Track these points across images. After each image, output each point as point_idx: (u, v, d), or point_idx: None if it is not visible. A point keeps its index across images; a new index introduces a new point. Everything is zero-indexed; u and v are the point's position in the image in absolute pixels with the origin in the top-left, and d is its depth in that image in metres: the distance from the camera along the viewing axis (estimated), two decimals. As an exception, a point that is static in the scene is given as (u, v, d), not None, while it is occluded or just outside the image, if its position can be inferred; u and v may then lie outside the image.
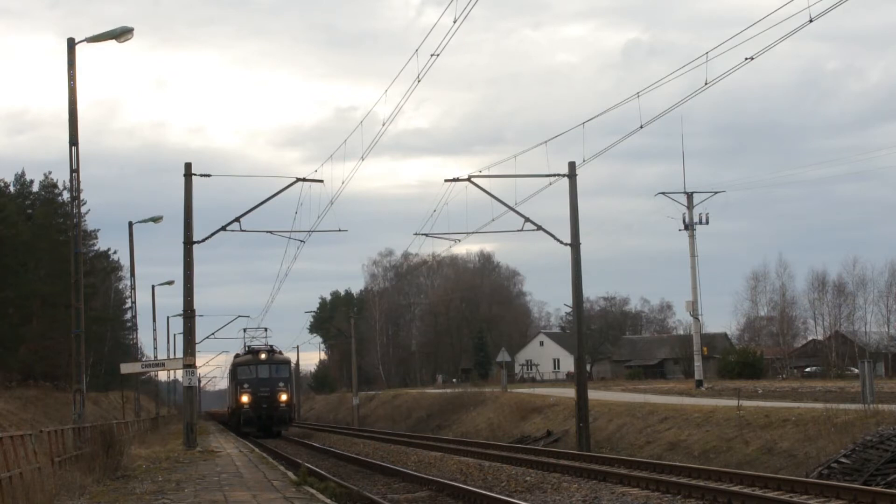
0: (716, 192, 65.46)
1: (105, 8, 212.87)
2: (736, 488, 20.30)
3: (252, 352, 64.86)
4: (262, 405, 60.46)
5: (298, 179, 35.71)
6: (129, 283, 71.75)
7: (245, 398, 60.78)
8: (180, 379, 43.65)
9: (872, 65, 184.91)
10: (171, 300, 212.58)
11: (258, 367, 61.60)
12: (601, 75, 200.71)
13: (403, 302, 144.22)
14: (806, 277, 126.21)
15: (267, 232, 37.59)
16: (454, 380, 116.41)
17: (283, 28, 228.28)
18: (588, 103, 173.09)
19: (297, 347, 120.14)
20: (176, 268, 38.87)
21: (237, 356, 68.40)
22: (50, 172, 72.42)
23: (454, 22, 19.92)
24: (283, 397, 60.94)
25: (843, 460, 22.51)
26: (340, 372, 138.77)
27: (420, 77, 23.62)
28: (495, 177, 35.53)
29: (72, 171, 29.53)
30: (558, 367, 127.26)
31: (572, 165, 35.06)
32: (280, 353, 65.54)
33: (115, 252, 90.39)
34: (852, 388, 43.05)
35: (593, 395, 41.28)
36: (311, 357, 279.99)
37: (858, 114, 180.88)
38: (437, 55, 22.08)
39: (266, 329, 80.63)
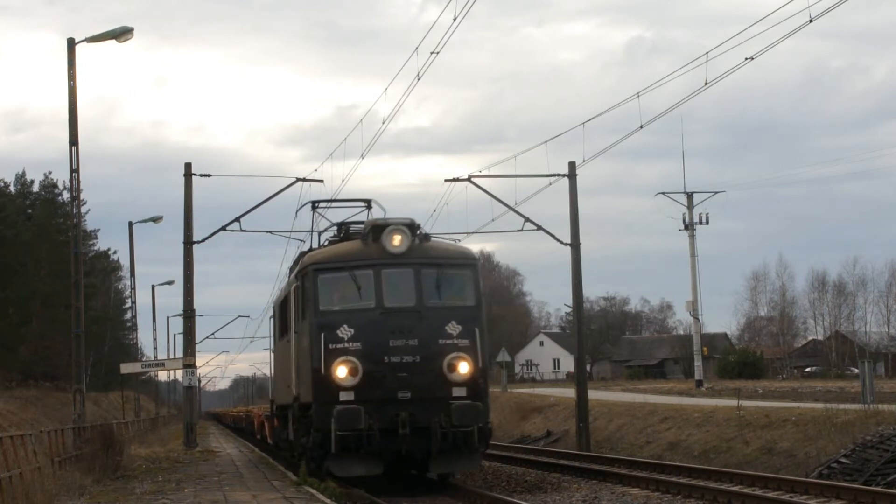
0: (716, 192, 65.55)
1: (105, 5, 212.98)
2: (736, 488, 20.29)
3: (355, 234, 22.55)
4: (398, 394, 19.85)
5: (298, 179, 35.64)
6: (129, 283, 71.84)
7: (341, 371, 19.80)
8: (180, 379, 43.64)
9: (877, 63, 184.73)
10: (171, 300, 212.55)
11: (383, 276, 20.43)
12: (604, 73, 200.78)
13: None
14: (806, 277, 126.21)
15: (267, 232, 37.52)
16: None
17: (284, 26, 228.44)
18: (591, 101, 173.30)
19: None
20: (176, 268, 38.86)
21: (302, 255, 24.01)
22: (50, 172, 72.43)
23: (454, 19, 19.81)
24: (463, 368, 20.11)
25: (843, 460, 22.49)
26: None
27: (420, 75, 23.41)
28: (495, 177, 35.40)
29: (72, 171, 29.57)
30: (558, 367, 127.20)
31: (572, 165, 35.04)
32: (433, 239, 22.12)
33: (115, 252, 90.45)
34: (852, 388, 43.01)
35: (593, 395, 41.24)
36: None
37: (862, 112, 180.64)
38: (437, 53, 21.89)
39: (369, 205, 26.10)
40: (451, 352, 19.72)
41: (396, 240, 20.10)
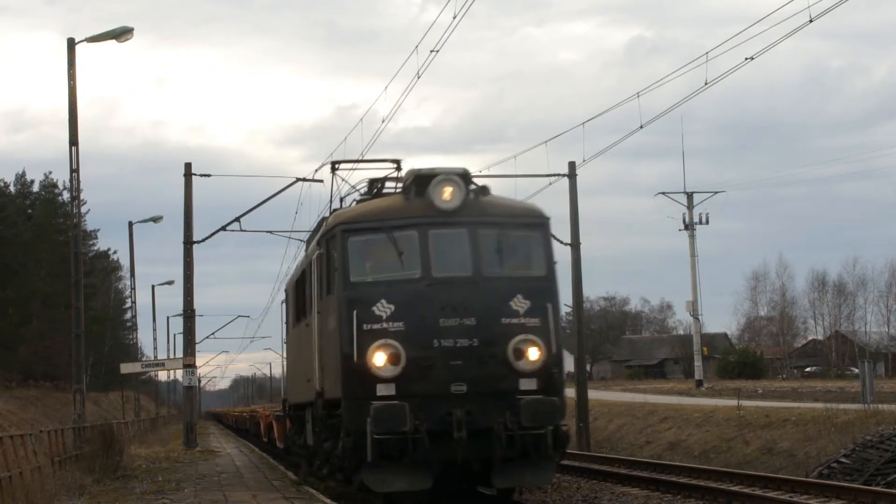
0: (716, 192, 65.59)
1: (105, 5, 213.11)
2: (736, 488, 20.28)
3: (389, 195, 17.80)
4: (452, 386, 15.49)
5: (298, 179, 35.63)
6: (129, 283, 71.82)
7: (379, 359, 15.42)
8: (180, 379, 43.65)
9: (877, 63, 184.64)
10: (171, 300, 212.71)
11: (431, 238, 16.06)
12: (604, 73, 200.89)
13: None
14: (806, 277, 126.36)
15: (267, 232, 37.53)
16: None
17: (284, 25, 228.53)
18: (591, 101, 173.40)
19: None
20: (176, 268, 38.91)
21: (323, 221, 18.82)
22: (50, 172, 72.58)
23: (454, 18, 19.79)
24: (533, 353, 15.73)
25: (843, 460, 22.50)
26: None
27: (420, 73, 23.37)
28: (495, 176, 35.38)
29: (72, 171, 29.58)
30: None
31: (572, 165, 35.06)
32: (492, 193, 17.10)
33: (115, 252, 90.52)
34: (852, 388, 43.03)
35: (593, 394, 41.26)
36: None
37: (862, 112, 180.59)
38: (437, 51, 21.86)
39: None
40: (518, 333, 15.55)
41: (447, 192, 15.90)
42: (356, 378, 15.38)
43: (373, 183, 18.51)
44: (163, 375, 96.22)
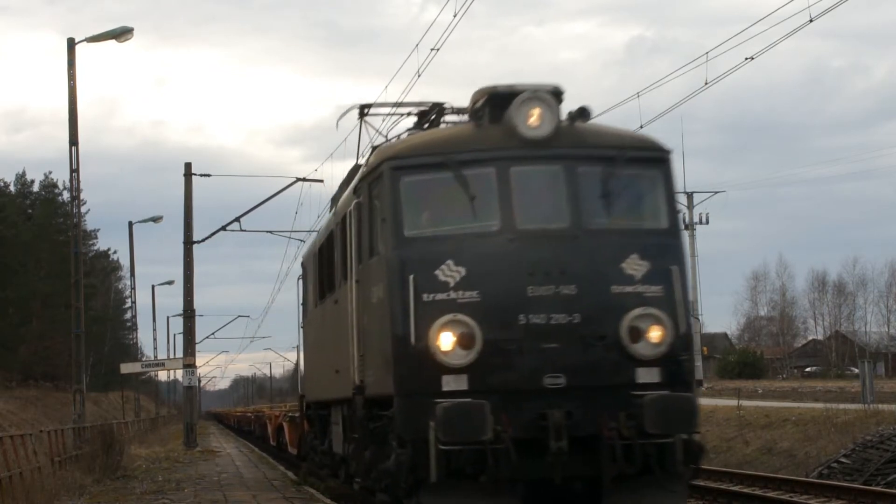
0: (716, 192, 65.54)
1: (105, 5, 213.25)
2: (736, 488, 20.30)
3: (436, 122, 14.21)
4: (545, 379, 11.37)
5: (298, 179, 35.68)
6: (129, 283, 71.87)
7: (445, 340, 11.30)
8: (180, 379, 43.68)
9: (877, 63, 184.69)
10: (171, 300, 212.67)
11: (514, 177, 11.83)
12: (605, 73, 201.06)
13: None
14: (806, 277, 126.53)
15: (267, 232, 37.57)
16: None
17: (284, 25, 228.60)
18: (591, 101, 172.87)
19: (298, 348, 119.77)
20: (176, 268, 38.97)
21: (356, 169, 15.87)
22: (50, 172, 72.69)
23: (454, 16, 19.76)
24: (655, 334, 11.53)
25: (843, 460, 22.51)
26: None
27: (420, 72, 23.40)
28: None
29: (72, 171, 29.59)
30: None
31: (572, 165, 34.96)
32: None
33: (115, 252, 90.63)
34: (852, 388, 43.04)
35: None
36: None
37: (862, 112, 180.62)
38: (438, 49, 21.86)
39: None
40: (635, 306, 11.49)
41: (535, 116, 11.79)
42: (414, 367, 11.45)
43: (425, 115, 14.49)
44: (163, 375, 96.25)
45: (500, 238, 11.55)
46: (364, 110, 15.89)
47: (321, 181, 35.66)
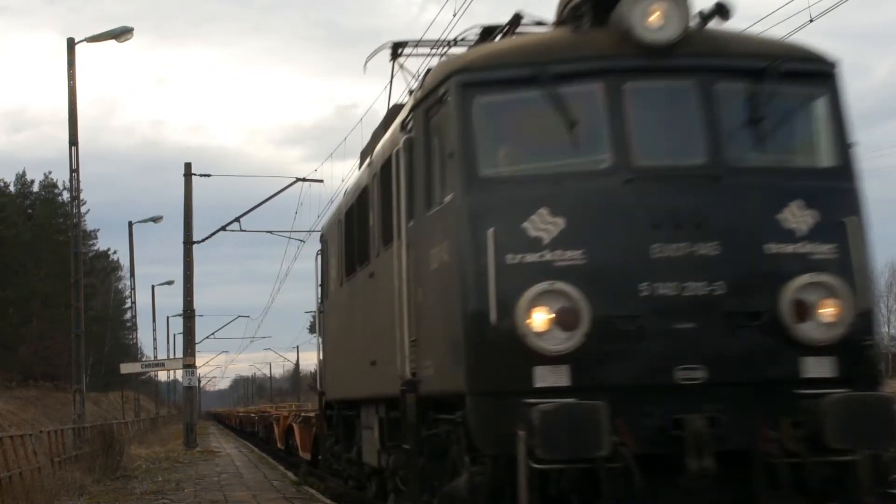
0: (716, 192, 65.63)
1: (105, 5, 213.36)
2: None
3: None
4: (676, 372, 8.05)
5: (298, 179, 35.71)
6: (129, 283, 71.82)
7: (538, 319, 7.98)
8: (180, 379, 43.69)
9: (877, 63, 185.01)
10: (171, 300, 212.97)
11: (627, 96, 8.42)
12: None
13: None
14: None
15: (267, 232, 37.59)
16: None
17: (284, 25, 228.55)
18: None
19: (298, 348, 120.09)
20: (176, 268, 38.96)
21: (396, 109, 12.71)
22: (50, 172, 72.77)
23: (454, 16, 19.79)
24: (829, 309, 8.13)
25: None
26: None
27: (420, 71, 23.43)
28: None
29: (72, 171, 29.61)
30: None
31: (572, 165, 34.91)
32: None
33: (114, 252, 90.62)
34: (852, 387, 42.99)
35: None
36: (311, 357, 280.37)
37: (863, 112, 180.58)
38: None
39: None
40: (800, 272, 8.30)
41: (657, 13, 8.43)
42: (495, 356, 8.27)
43: (491, 31, 11.09)
44: (163, 375, 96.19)
45: (613, 178, 8.43)
46: (398, 49, 13.12)
47: (321, 181, 35.71)
